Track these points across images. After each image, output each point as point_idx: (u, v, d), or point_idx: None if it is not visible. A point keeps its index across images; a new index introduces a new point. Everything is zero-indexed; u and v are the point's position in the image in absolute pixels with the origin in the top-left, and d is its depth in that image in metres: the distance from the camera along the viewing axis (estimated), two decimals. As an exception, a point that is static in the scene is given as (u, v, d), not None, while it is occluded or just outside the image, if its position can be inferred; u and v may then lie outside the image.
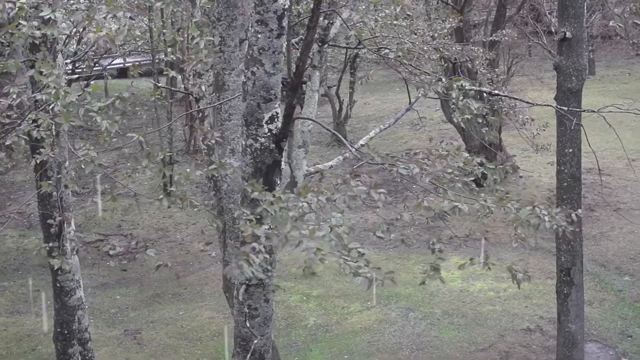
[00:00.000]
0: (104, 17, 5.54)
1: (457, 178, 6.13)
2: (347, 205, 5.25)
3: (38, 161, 8.56)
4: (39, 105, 7.89)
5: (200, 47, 7.22)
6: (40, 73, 5.70)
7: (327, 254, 4.88)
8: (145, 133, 6.15)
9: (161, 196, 6.35)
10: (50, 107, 5.99)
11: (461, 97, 7.10)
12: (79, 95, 5.95)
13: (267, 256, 5.24)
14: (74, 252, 11.12)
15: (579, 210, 6.23)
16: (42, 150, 8.01)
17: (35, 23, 6.04)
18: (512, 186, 20.59)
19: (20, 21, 6.16)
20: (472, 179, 6.24)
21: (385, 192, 5.57)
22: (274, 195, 5.48)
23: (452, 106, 7.25)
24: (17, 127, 7.01)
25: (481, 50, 14.85)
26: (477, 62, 15.64)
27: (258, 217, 5.49)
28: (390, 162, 6.04)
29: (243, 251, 5.06)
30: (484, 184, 6.41)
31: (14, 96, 6.18)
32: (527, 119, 13.08)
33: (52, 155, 8.24)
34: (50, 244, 10.53)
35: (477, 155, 6.41)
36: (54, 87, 5.67)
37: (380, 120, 28.12)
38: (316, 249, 4.83)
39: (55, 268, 9.90)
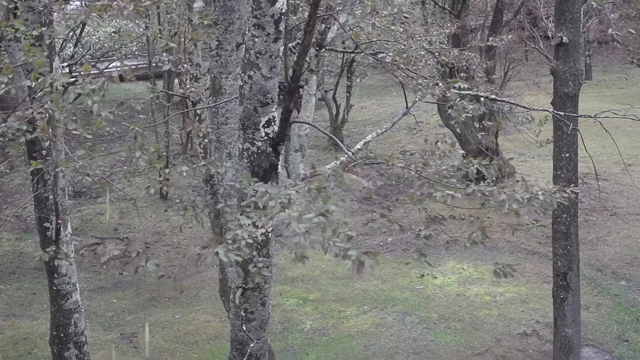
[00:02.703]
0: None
1: (451, 174, 6.12)
2: (337, 194, 5.20)
3: (28, 151, 8.47)
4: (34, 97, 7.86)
5: (204, 24, 7.15)
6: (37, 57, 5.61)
7: (313, 232, 4.81)
8: (141, 126, 6.12)
9: (151, 193, 6.27)
10: (38, 93, 5.93)
11: (458, 99, 7.10)
12: (75, 99, 5.92)
13: (250, 241, 5.20)
14: (70, 256, 11.09)
15: (573, 186, 6.17)
16: (38, 155, 7.96)
17: None
18: (508, 190, 20.59)
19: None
20: (468, 180, 6.22)
21: (375, 178, 5.52)
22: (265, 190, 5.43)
23: (448, 110, 7.26)
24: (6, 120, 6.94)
25: (477, 57, 14.86)
26: (473, 68, 15.68)
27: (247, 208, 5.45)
28: (384, 160, 6.04)
29: (217, 237, 5.05)
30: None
31: (2, 86, 6.06)
32: (527, 118, 13.09)
33: (49, 159, 8.21)
34: (54, 248, 10.47)
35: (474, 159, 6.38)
36: (41, 74, 5.59)
37: (377, 124, 28.13)
38: (305, 231, 4.79)
39: (46, 260, 9.77)
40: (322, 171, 5.20)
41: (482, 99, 11.31)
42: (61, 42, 22.76)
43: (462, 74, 15.49)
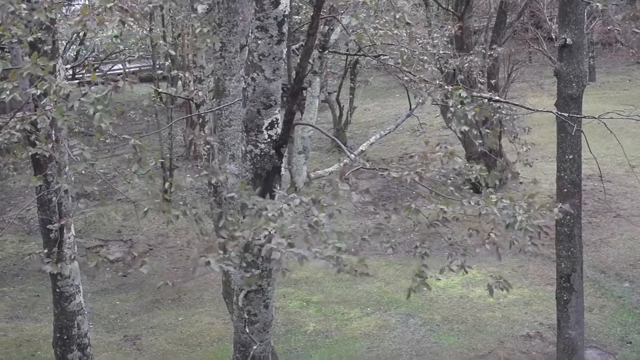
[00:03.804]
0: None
1: (449, 181, 6.13)
2: (332, 206, 5.20)
3: (32, 154, 8.44)
4: (37, 104, 7.84)
5: (204, 32, 7.18)
6: (42, 69, 5.61)
7: (296, 242, 4.85)
8: (140, 136, 6.10)
9: (156, 202, 6.29)
10: (43, 102, 5.93)
11: (459, 106, 7.10)
12: (81, 98, 5.89)
13: (242, 251, 5.21)
14: (73, 258, 11.10)
15: (567, 205, 6.08)
16: (37, 143, 7.94)
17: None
18: (512, 192, 20.59)
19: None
20: (468, 185, 6.23)
21: (369, 192, 5.52)
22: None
23: (450, 115, 7.26)
24: (7, 124, 6.92)
25: (479, 62, 14.82)
26: (475, 73, 15.65)
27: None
28: (382, 167, 6.03)
29: (212, 244, 5.07)
30: (482, 191, 6.38)
31: (7, 92, 6.07)
32: (524, 129, 13.07)
33: (48, 150, 8.18)
34: (46, 251, 10.48)
35: (477, 162, 6.40)
36: (46, 80, 5.59)
37: (381, 126, 28.15)
38: (287, 243, 4.82)
39: (49, 271, 9.81)
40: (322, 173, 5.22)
41: (484, 103, 11.29)
42: (64, 43, 22.79)
43: (461, 77, 15.46)
